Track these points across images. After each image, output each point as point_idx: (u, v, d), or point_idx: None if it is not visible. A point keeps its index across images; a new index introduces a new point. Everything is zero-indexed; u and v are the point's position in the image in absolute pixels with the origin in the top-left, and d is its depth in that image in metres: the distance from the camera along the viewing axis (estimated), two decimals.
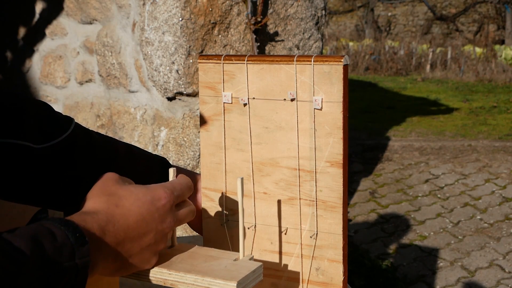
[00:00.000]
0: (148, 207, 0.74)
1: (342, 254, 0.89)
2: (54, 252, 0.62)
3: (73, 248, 0.64)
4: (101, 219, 0.70)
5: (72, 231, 0.65)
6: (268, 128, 0.92)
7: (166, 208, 0.76)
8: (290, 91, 0.89)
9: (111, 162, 0.97)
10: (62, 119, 0.95)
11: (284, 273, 0.93)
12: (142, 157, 1.02)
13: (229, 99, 0.93)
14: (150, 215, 0.74)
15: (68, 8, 2.98)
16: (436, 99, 9.45)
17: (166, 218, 0.76)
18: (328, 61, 0.85)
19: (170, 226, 0.76)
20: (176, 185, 0.79)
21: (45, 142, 0.90)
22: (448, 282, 3.61)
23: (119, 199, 0.73)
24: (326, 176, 0.88)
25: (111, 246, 0.70)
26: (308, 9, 2.65)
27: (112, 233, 0.70)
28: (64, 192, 0.93)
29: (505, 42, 15.27)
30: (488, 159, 5.79)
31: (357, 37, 17.05)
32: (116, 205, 0.73)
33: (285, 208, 0.92)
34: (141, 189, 0.75)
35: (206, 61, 0.95)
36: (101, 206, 0.72)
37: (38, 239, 0.61)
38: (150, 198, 0.75)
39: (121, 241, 0.71)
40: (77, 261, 0.64)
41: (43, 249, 0.61)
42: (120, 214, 0.72)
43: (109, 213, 0.71)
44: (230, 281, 0.73)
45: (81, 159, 0.94)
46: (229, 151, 0.95)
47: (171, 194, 0.76)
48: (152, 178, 0.99)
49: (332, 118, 0.86)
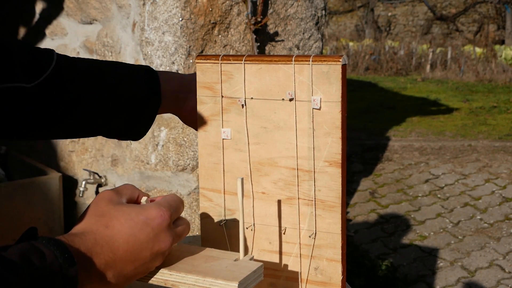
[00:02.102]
0: (141, 227, 0.73)
1: (341, 254, 0.89)
2: (42, 271, 0.62)
3: (61, 269, 0.64)
4: (88, 240, 0.70)
5: (61, 251, 0.65)
6: (267, 128, 0.92)
7: (163, 226, 0.75)
8: (289, 91, 0.89)
9: (99, 81, 0.98)
10: (44, 53, 0.96)
11: (283, 273, 0.93)
12: (126, 70, 1.03)
13: (228, 135, 0.94)
14: (144, 235, 0.73)
15: (68, 8, 2.98)
16: (436, 99, 9.45)
17: (163, 237, 0.75)
18: (326, 61, 0.85)
19: (168, 244, 0.76)
20: (171, 202, 0.78)
21: (36, 79, 0.92)
22: (448, 282, 3.61)
23: (110, 219, 0.73)
24: (324, 176, 0.88)
25: (99, 268, 0.70)
26: (308, 9, 2.65)
27: (100, 254, 0.70)
28: (60, 120, 0.96)
29: (505, 42, 15.26)
30: (488, 159, 5.79)
31: (357, 37, 17.04)
32: (106, 226, 0.72)
33: (284, 208, 0.92)
34: (134, 209, 0.75)
35: (204, 61, 0.95)
36: (90, 227, 0.72)
37: (27, 257, 0.62)
38: (144, 218, 0.74)
39: (111, 262, 0.71)
40: (64, 283, 0.64)
41: (32, 266, 0.61)
42: (108, 236, 0.71)
43: (98, 234, 0.71)
44: (232, 281, 0.73)
45: (71, 86, 0.95)
46: (227, 151, 0.95)
47: (167, 212, 0.75)
48: (140, 87, 1.00)
49: (331, 118, 0.86)
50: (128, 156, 2.66)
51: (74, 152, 3.06)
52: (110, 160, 2.81)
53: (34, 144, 3.37)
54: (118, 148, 2.74)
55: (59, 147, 3.16)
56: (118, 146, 2.74)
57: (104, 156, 2.86)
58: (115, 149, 2.77)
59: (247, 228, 0.94)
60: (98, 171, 2.91)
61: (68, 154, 3.10)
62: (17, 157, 3.18)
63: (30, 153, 3.35)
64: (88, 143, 2.98)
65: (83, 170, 2.97)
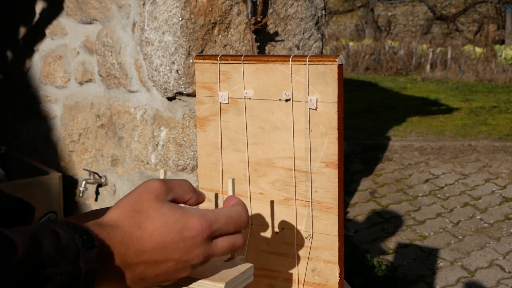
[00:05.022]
0: (173, 236, 0.67)
1: (338, 255, 0.89)
2: (54, 253, 0.58)
3: (78, 251, 0.59)
4: (115, 237, 0.65)
5: (80, 234, 0.61)
6: (264, 128, 0.92)
7: (196, 240, 0.68)
8: (285, 92, 0.88)
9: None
10: None
11: (281, 274, 0.93)
12: None
13: (226, 99, 0.93)
14: (173, 244, 0.67)
15: (68, 8, 2.98)
16: (436, 99, 9.44)
17: (194, 251, 0.68)
18: (322, 61, 0.85)
19: (198, 259, 0.69)
20: (220, 218, 0.70)
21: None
22: (448, 282, 3.61)
23: (145, 219, 0.67)
24: (321, 177, 0.88)
25: (119, 268, 0.65)
26: (308, 9, 2.65)
27: (123, 255, 0.65)
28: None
29: (505, 42, 15.26)
30: (488, 159, 5.79)
31: (357, 37, 17.04)
32: (138, 226, 0.67)
33: (281, 208, 0.92)
34: (175, 214, 0.68)
35: (202, 61, 0.95)
36: (121, 221, 0.67)
37: (37, 238, 0.58)
38: (180, 227, 0.67)
39: (132, 265, 0.66)
40: (81, 265, 0.59)
41: (40, 248, 0.57)
42: (137, 237, 0.66)
43: (127, 233, 0.66)
44: (218, 282, 0.72)
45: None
46: (225, 151, 0.95)
47: (207, 227, 0.69)
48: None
49: (327, 119, 0.86)
50: (128, 156, 2.66)
51: (74, 152, 3.06)
52: (110, 160, 2.81)
53: (34, 144, 3.37)
54: (118, 148, 2.74)
55: (59, 147, 3.16)
56: (118, 146, 2.74)
57: (104, 156, 2.86)
58: (115, 149, 2.77)
59: (244, 229, 0.94)
60: (98, 171, 2.91)
61: (68, 154, 3.10)
62: (17, 157, 3.19)
63: (30, 153, 3.35)
64: (88, 143, 2.98)
65: (83, 170, 2.97)
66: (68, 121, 3.08)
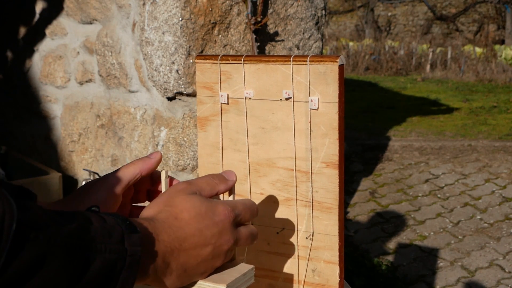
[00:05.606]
0: (207, 222, 0.72)
1: (338, 256, 0.88)
2: (102, 231, 0.60)
3: (122, 233, 0.62)
4: (155, 227, 0.68)
5: (122, 219, 0.64)
6: (265, 128, 0.92)
7: (225, 224, 0.73)
8: (286, 90, 0.88)
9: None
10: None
11: (281, 274, 0.93)
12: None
13: (225, 99, 0.93)
14: (208, 230, 0.72)
15: (68, 8, 2.98)
16: (436, 99, 9.45)
17: (225, 235, 0.73)
18: (323, 61, 0.85)
19: (229, 243, 0.74)
20: (238, 205, 0.77)
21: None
22: (448, 282, 3.61)
23: (180, 211, 0.72)
24: (322, 177, 0.88)
25: (164, 255, 0.68)
26: (308, 9, 2.65)
27: (166, 242, 0.68)
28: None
29: (505, 42, 15.26)
30: (488, 159, 5.79)
31: (357, 37, 17.04)
32: (175, 217, 0.71)
33: (282, 209, 0.92)
34: (205, 203, 0.74)
35: (203, 61, 0.95)
36: (158, 215, 0.71)
37: (87, 216, 0.61)
38: (211, 214, 0.73)
39: (176, 252, 0.69)
40: (126, 247, 0.62)
41: (91, 224, 0.60)
42: (177, 226, 0.70)
43: (166, 223, 0.70)
44: (220, 284, 0.72)
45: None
46: (226, 151, 0.95)
47: (231, 211, 0.74)
48: None
49: (328, 119, 0.86)
50: (128, 156, 2.66)
51: (74, 152, 3.06)
52: (110, 160, 2.81)
53: (34, 144, 3.37)
54: (118, 148, 2.74)
55: (59, 147, 3.16)
56: (118, 146, 2.74)
57: (104, 156, 2.86)
58: (115, 149, 2.77)
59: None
60: (98, 171, 2.91)
61: (68, 154, 3.10)
62: (17, 157, 3.19)
63: (30, 153, 3.35)
64: (88, 143, 2.98)
65: (83, 170, 2.97)
66: (68, 121, 3.08)
